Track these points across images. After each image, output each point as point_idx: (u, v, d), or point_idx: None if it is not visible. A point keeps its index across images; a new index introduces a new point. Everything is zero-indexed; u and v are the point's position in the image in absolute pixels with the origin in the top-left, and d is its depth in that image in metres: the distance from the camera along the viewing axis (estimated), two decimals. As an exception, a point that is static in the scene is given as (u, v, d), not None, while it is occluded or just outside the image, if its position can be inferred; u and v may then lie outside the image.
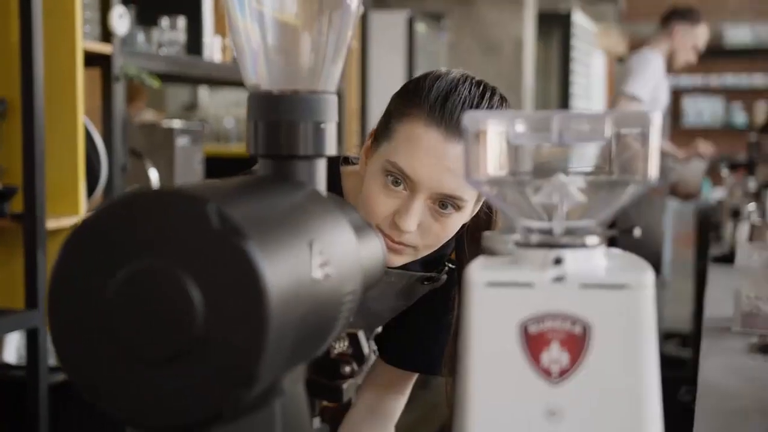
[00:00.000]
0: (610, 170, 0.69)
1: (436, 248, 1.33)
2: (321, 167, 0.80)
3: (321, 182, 0.80)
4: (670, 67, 4.53)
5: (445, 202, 1.27)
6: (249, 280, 0.59)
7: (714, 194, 8.78)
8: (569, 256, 0.68)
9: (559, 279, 0.67)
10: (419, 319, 1.51)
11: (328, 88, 0.80)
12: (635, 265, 0.70)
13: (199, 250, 0.60)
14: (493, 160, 0.70)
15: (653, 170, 0.68)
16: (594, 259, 0.69)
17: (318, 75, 0.80)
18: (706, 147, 4.53)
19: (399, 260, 1.32)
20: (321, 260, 0.68)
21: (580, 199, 0.70)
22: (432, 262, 1.45)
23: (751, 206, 3.05)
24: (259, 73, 0.80)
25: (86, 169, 2.49)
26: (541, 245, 0.69)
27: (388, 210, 1.27)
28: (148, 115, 4.88)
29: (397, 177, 1.26)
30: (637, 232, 0.69)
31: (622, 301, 0.66)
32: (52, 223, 2.37)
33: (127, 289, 0.60)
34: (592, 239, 0.70)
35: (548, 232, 0.70)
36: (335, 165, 1.41)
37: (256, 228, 0.62)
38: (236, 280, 0.59)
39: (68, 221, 2.41)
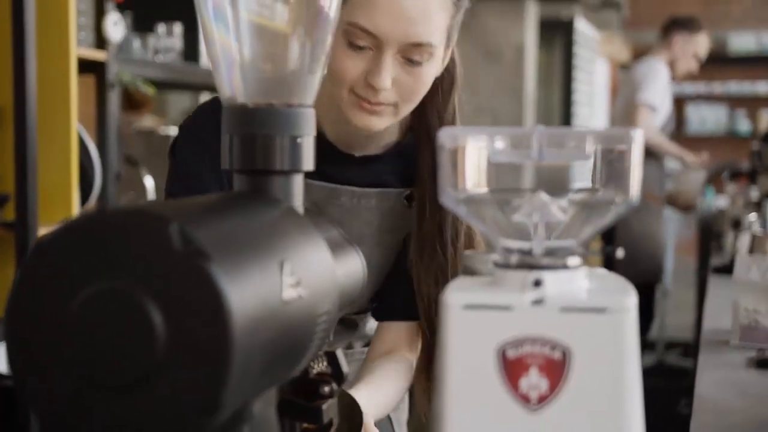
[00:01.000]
0: (594, 188, 0.67)
1: (415, 104, 1.30)
2: (298, 182, 0.77)
3: (297, 198, 0.77)
4: (672, 76, 4.52)
5: (413, 54, 1.24)
6: (212, 303, 0.57)
7: (716, 202, 8.75)
8: (549, 277, 0.66)
9: (538, 302, 0.65)
10: (398, 267, 1.45)
11: (305, 101, 0.78)
12: (617, 288, 0.67)
13: (161, 271, 0.57)
14: (472, 177, 0.68)
15: (635, 189, 0.65)
16: (575, 280, 0.67)
17: (295, 87, 0.78)
18: (708, 159, 4.59)
19: (381, 122, 1.29)
20: (293, 281, 0.66)
21: (561, 218, 0.68)
22: (408, 173, 1.42)
23: (752, 216, 3.02)
24: (234, 85, 0.77)
25: (80, 176, 2.47)
26: (521, 266, 0.67)
27: (358, 71, 1.25)
28: (148, 121, 4.86)
29: (360, 39, 1.23)
30: (619, 253, 0.67)
31: (603, 326, 0.64)
32: (44, 232, 2.35)
33: (87, 312, 0.58)
34: (573, 260, 0.67)
35: (528, 252, 0.68)
36: None
37: (222, 248, 0.59)
38: (199, 303, 0.57)
39: (60, 229, 2.38)
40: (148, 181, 2.82)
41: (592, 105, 8.07)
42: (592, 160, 0.66)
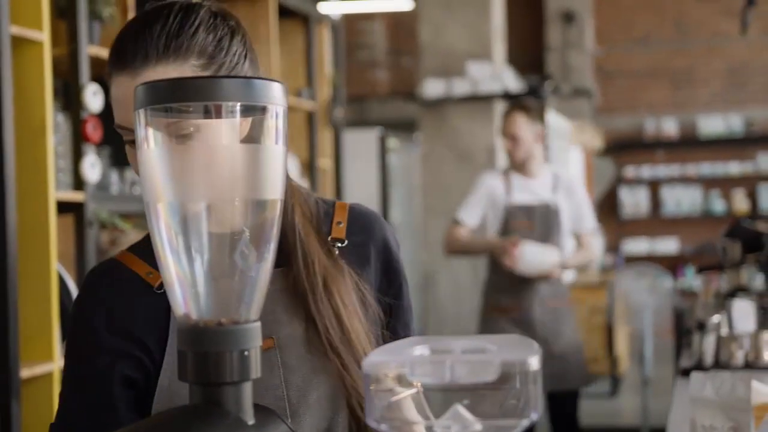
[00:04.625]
0: (501, 408, 0.76)
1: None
2: (247, 390, 0.86)
3: (246, 404, 0.86)
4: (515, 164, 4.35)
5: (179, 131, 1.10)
6: None
7: (695, 282, 8.86)
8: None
9: None
10: None
11: (251, 316, 0.87)
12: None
13: None
14: (394, 400, 0.77)
15: (533, 409, 0.75)
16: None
17: (243, 304, 0.87)
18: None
19: None
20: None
21: (477, 428, 0.77)
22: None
23: (716, 318, 3.09)
24: (187, 305, 0.87)
25: (60, 314, 2.55)
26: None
27: None
28: (133, 237, 4.94)
29: (127, 136, 1.21)
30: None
31: None
32: (26, 372, 2.42)
33: None
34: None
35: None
36: None
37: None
38: None
39: (42, 369, 2.46)
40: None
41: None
42: (497, 382, 0.76)
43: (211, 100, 0.84)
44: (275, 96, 0.87)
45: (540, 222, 4.20)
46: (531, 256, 4.06)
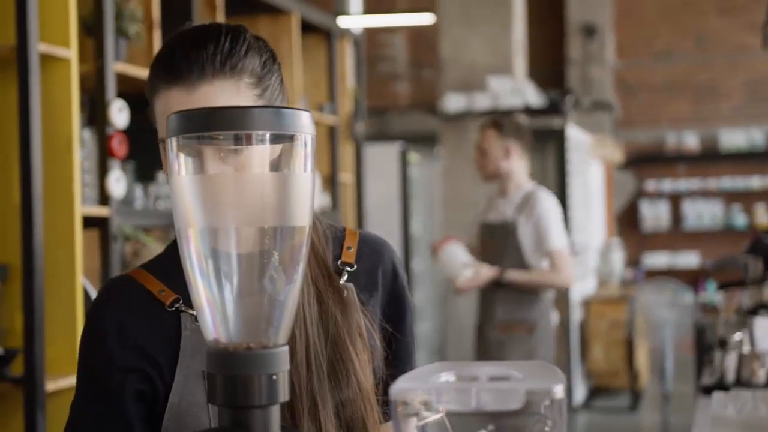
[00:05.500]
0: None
1: None
2: (275, 413, 0.88)
3: (274, 427, 0.88)
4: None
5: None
6: None
7: (717, 297, 8.82)
8: None
9: None
10: None
11: (279, 340, 0.89)
12: None
13: None
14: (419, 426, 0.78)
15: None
16: None
17: (271, 328, 0.89)
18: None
19: None
20: None
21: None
22: None
23: (738, 336, 3.09)
24: (217, 329, 0.89)
25: (85, 327, 2.57)
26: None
27: None
28: (154, 250, 4.98)
29: None
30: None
31: None
32: (51, 385, 2.44)
33: None
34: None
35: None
36: None
37: None
38: None
39: (67, 382, 2.48)
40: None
41: (588, 207, 8.21)
42: (522, 410, 0.77)
43: (241, 129, 0.86)
44: (304, 124, 0.88)
45: (498, 241, 4.18)
46: (445, 255, 4.09)
